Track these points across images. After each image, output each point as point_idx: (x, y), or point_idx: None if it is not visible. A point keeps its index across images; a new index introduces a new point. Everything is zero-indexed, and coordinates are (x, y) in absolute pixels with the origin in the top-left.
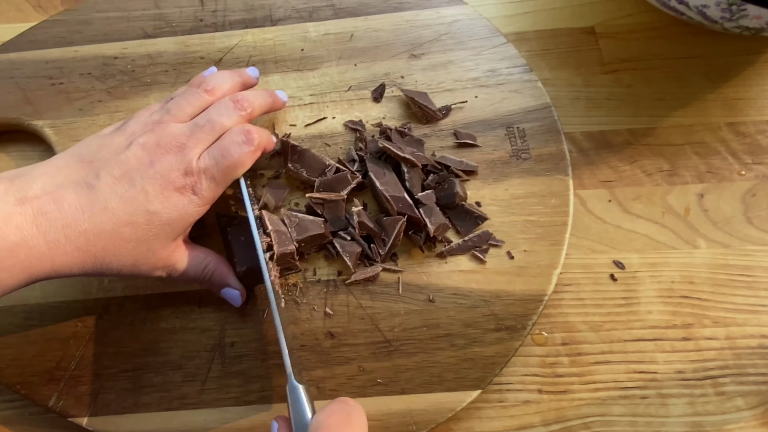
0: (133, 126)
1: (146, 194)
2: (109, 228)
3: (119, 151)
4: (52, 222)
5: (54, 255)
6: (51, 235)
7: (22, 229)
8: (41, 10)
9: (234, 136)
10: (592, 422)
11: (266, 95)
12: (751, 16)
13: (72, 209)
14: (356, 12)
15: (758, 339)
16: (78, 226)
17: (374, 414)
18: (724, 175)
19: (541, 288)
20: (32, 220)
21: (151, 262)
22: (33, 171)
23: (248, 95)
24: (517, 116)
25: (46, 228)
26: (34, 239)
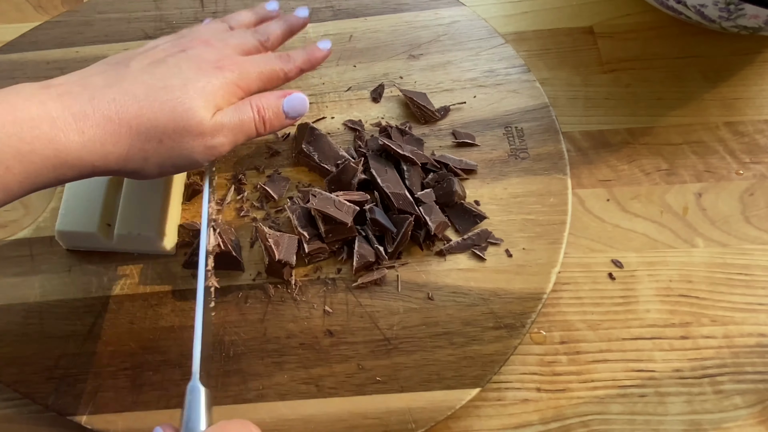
0: (155, 41)
1: (179, 68)
2: (141, 92)
3: (146, 51)
4: (77, 98)
5: (82, 126)
6: (76, 108)
7: (44, 104)
8: (42, 11)
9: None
10: (590, 420)
11: (281, 21)
12: (749, 15)
13: (98, 85)
14: (355, 13)
15: (756, 337)
16: (106, 96)
17: (373, 412)
18: (722, 175)
19: (540, 286)
20: (56, 97)
21: (195, 123)
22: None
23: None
24: (516, 116)
25: (71, 102)
26: (58, 111)
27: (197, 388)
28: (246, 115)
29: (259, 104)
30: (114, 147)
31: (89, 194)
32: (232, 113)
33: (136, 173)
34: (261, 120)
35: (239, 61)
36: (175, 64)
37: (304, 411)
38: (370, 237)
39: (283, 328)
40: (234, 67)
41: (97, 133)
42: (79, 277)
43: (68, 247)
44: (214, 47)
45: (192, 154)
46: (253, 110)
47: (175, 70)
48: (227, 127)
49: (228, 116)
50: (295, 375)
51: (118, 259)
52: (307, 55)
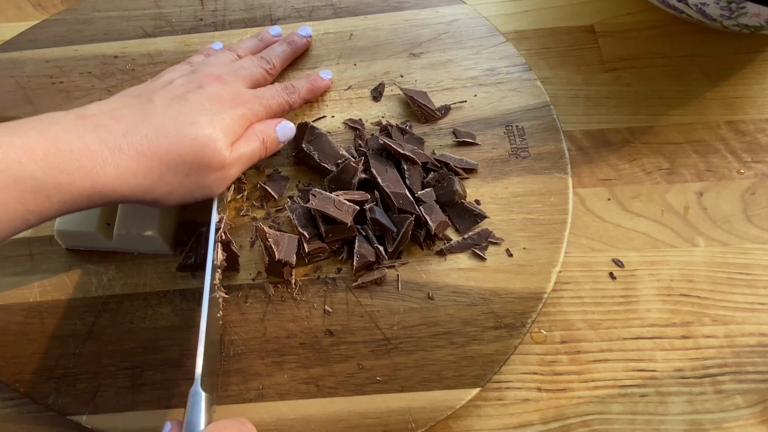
0: (167, 75)
1: (202, 105)
2: (172, 129)
3: (164, 86)
4: (112, 131)
5: (117, 159)
6: (112, 141)
7: (83, 137)
8: (41, 9)
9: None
10: (591, 420)
11: (284, 43)
12: (750, 14)
13: (131, 120)
14: (355, 11)
15: (757, 337)
16: (139, 132)
17: (373, 412)
18: (723, 174)
19: (540, 286)
20: (92, 129)
21: (219, 160)
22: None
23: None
24: (516, 115)
25: (106, 136)
26: (95, 145)
27: (198, 392)
28: (255, 145)
29: (263, 135)
30: (144, 179)
31: None
32: (244, 146)
33: (158, 202)
34: (264, 148)
35: (251, 98)
36: (197, 101)
37: (304, 411)
38: (370, 237)
39: (283, 327)
40: (248, 104)
41: (130, 166)
42: (78, 277)
43: (68, 246)
44: (228, 83)
45: (211, 187)
46: (259, 140)
47: (199, 108)
48: (242, 159)
49: (242, 149)
50: (295, 375)
51: (118, 259)
52: (310, 84)
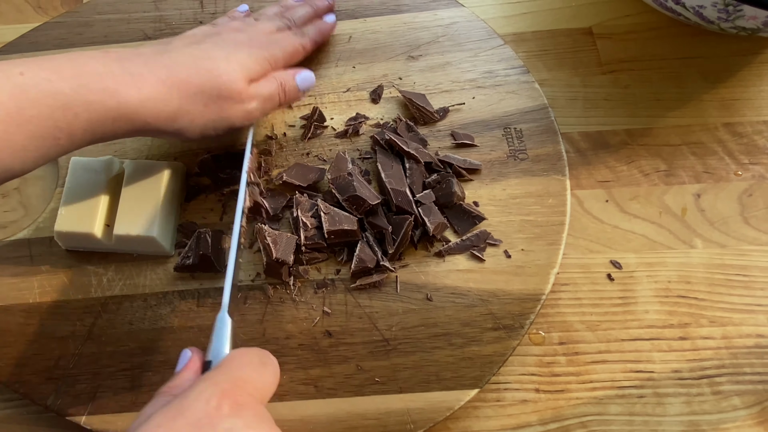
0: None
1: (218, 45)
2: (189, 61)
3: (185, 35)
4: (133, 61)
5: (140, 84)
6: (133, 69)
7: (107, 64)
8: (42, 12)
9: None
10: (589, 421)
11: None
12: (747, 16)
13: (150, 54)
14: (354, 14)
15: (754, 338)
16: (158, 62)
17: (372, 413)
18: (720, 176)
19: (539, 287)
20: (115, 60)
21: (236, 90)
22: None
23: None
24: (515, 117)
25: (128, 65)
26: (119, 70)
27: (225, 319)
28: (273, 87)
29: (282, 79)
30: (165, 106)
31: (88, 195)
32: (264, 84)
33: (181, 132)
34: (283, 92)
35: (265, 41)
36: (213, 42)
37: (303, 411)
38: (371, 242)
39: (282, 328)
40: (262, 45)
41: (151, 92)
42: (78, 278)
43: (67, 247)
44: (245, 32)
45: (231, 118)
46: (278, 82)
47: (214, 47)
48: (261, 96)
49: (261, 87)
50: (294, 375)
51: (117, 260)
52: (318, 28)
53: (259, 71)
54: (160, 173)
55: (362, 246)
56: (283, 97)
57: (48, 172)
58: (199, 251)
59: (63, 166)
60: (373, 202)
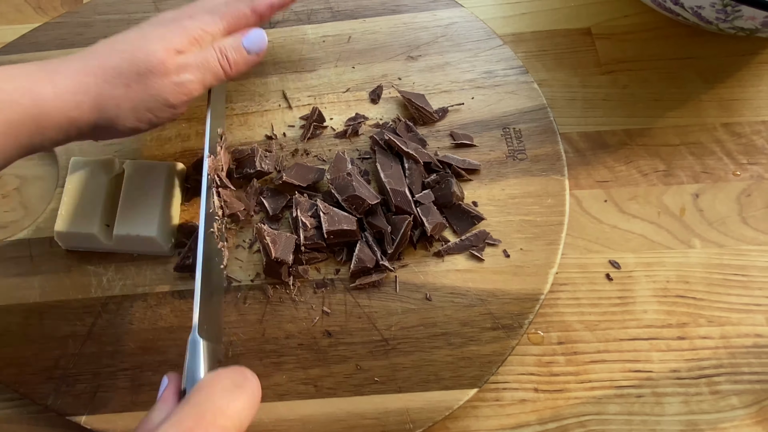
0: None
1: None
2: (105, 48)
3: None
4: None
5: (54, 78)
6: (49, 67)
7: (23, 67)
8: (42, 12)
9: None
10: (587, 421)
11: None
12: (746, 17)
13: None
14: (354, 14)
15: (753, 338)
16: (76, 57)
17: (371, 412)
18: (719, 176)
19: (538, 287)
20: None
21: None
22: None
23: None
24: (514, 117)
25: (46, 65)
26: (34, 69)
27: (196, 340)
28: (209, 54)
29: (221, 45)
30: (85, 96)
31: (88, 195)
32: (195, 54)
33: (114, 123)
34: (225, 58)
35: (198, 11)
36: (138, 26)
37: (303, 411)
38: (370, 242)
39: (282, 328)
40: (195, 17)
41: (67, 84)
42: (78, 278)
43: (67, 247)
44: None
45: (162, 94)
46: (216, 50)
47: (137, 29)
48: (192, 65)
49: (192, 57)
50: (294, 375)
51: (117, 260)
52: None
53: (185, 42)
54: (160, 173)
55: (361, 246)
56: (226, 64)
57: (48, 172)
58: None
59: (63, 166)
60: (372, 202)
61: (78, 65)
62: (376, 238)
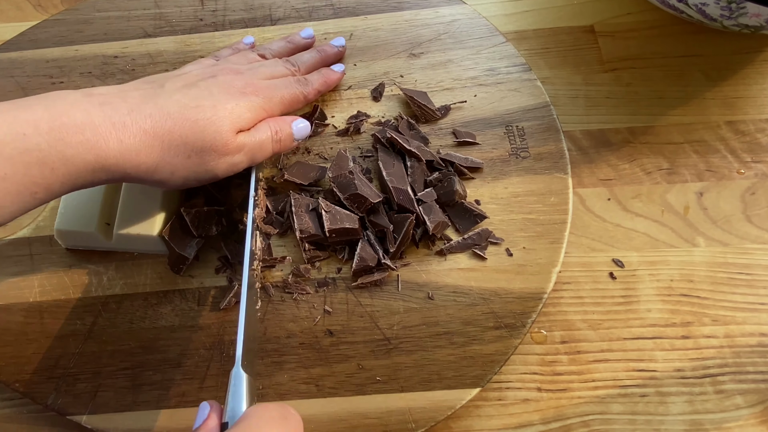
0: (188, 66)
1: (210, 91)
2: (176, 110)
3: (179, 75)
4: (117, 108)
5: (120, 135)
6: (116, 118)
7: (88, 112)
8: (41, 9)
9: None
10: (591, 420)
11: (315, 51)
12: (750, 14)
13: (137, 100)
14: (355, 11)
15: (757, 337)
16: (143, 111)
17: (373, 412)
18: (723, 174)
19: (541, 286)
20: (98, 106)
21: (220, 144)
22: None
23: (297, 56)
24: (516, 115)
25: (111, 113)
26: (100, 119)
27: (240, 374)
28: (265, 136)
29: (276, 127)
30: (147, 158)
31: (88, 194)
32: (253, 134)
33: (162, 183)
34: (277, 141)
35: (263, 86)
36: (205, 87)
37: (304, 411)
38: (372, 240)
39: (283, 327)
40: (259, 92)
41: (133, 144)
42: (78, 277)
43: (68, 246)
44: (243, 75)
45: (214, 170)
46: (271, 132)
47: (206, 93)
48: (248, 147)
49: (249, 137)
50: (295, 375)
51: (118, 259)
52: (323, 77)
53: (250, 120)
54: None
55: (363, 245)
56: (277, 146)
57: None
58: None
59: None
60: (374, 201)
61: (147, 124)
62: (378, 236)
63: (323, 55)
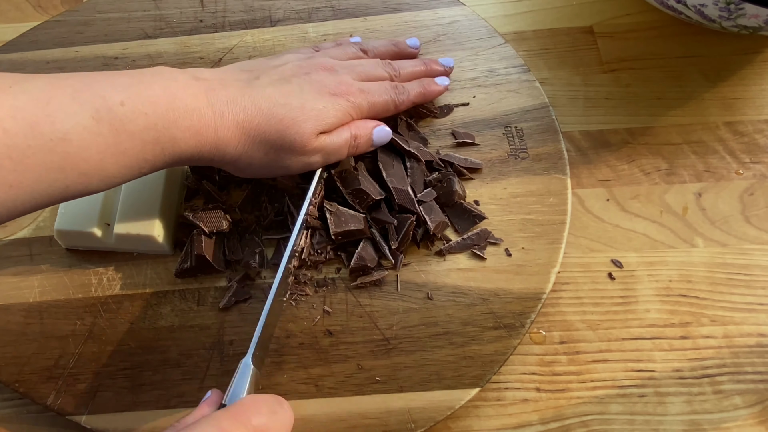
0: (286, 55)
1: (301, 89)
2: (265, 106)
3: (276, 66)
4: (219, 96)
5: (218, 125)
6: (217, 106)
7: (196, 97)
8: (41, 11)
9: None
10: (590, 420)
11: (421, 62)
12: (749, 15)
13: (234, 90)
14: (355, 13)
15: (756, 337)
16: (239, 103)
17: (373, 412)
18: (722, 174)
19: (540, 286)
20: (204, 93)
21: (299, 144)
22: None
23: (400, 62)
24: (515, 116)
25: (214, 100)
26: (204, 108)
27: (248, 365)
28: (343, 140)
29: (357, 132)
30: (234, 150)
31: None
32: (333, 138)
33: (237, 171)
34: (355, 146)
35: (355, 90)
36: (297, 84)
37: (304, 411)
38: (377, 238)
39: (283, 327)
40: (350, 95)
41: (226, 135)
42: (78, 277)
43: (67, 246)
44: (337, 74)
45: (288, 167)
46: (351, 136)
47: (297, 90)
48: (326, 148)
49: (329, 140)
50: (295, 375)
51: (118, 259)
52: (423, 88)
53: (334, 124)
54: (160, 173)
55: (365, 244)
56: (353, 150)
57: None
58: (194, 252)
59: None
60: (376, 197)
61: (240, 117)
62: (382, 234)
63: (427, 68)
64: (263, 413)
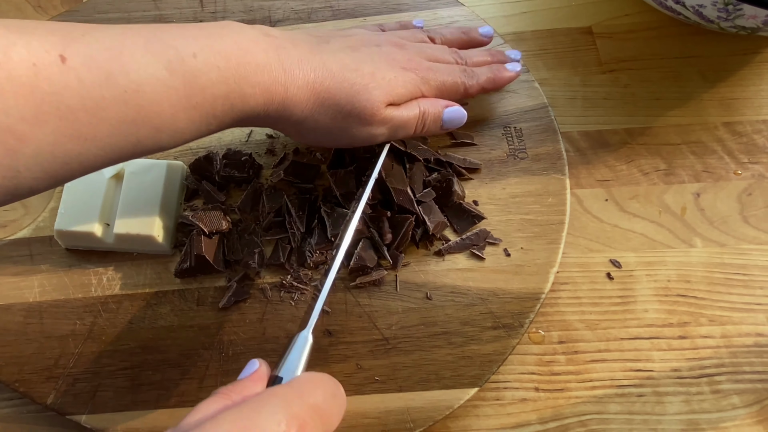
0: (354, 29)
1: (372, 58)
2: (337, 69)
3: (346, 35)
4: (290, 54)
5: (288, 83)
6: (287, 64)
7: (267, 53)
8: (41, 11)
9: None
10: (588, 420)
11: (489, 54)
12: (747, 15)
13: (305, 50)
14: (354, 13)
15: (754, 337)
16: (310, 62)
17: (372, 411)
18: (720, 175)
19: (538, 286)
20: (275, 50)
21: (368, 112)
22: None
23: (469, 51)
24: (514, 116)
25: (285, 57)
26: (275, 63)
27: (307, 338)
28: (412, 114)
29: (426, 108)
30: (300, 111)
31: (88, 194)
32: (402, 110)
33: (300, 136)
34: (422, 123)
35: (425, 66)
36: (368, 53)
37: None
38: (376, 238)
39: (282, 327)
40: (419, 70)
41: (295, 94)
42: (78, 277)
43: (67, 246)
44: (407, 50)
45: (353, 137)
46: (420, 111)
47: (368, 58)
48: (393, 122)
49: (398, 112)
50: None
51: (117, 259)
52: (493, 73)
53: (403, 95)
54: (160, 172)
55: (364, 244)
56: (421, 128)
57: None
58: (194, 252)
59: None
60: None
61: (311, 77)
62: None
63: (495, 58)
64: (326, 395)
